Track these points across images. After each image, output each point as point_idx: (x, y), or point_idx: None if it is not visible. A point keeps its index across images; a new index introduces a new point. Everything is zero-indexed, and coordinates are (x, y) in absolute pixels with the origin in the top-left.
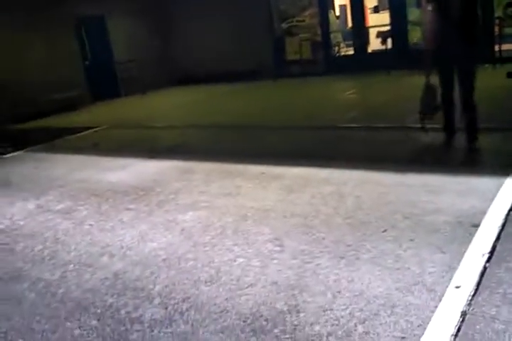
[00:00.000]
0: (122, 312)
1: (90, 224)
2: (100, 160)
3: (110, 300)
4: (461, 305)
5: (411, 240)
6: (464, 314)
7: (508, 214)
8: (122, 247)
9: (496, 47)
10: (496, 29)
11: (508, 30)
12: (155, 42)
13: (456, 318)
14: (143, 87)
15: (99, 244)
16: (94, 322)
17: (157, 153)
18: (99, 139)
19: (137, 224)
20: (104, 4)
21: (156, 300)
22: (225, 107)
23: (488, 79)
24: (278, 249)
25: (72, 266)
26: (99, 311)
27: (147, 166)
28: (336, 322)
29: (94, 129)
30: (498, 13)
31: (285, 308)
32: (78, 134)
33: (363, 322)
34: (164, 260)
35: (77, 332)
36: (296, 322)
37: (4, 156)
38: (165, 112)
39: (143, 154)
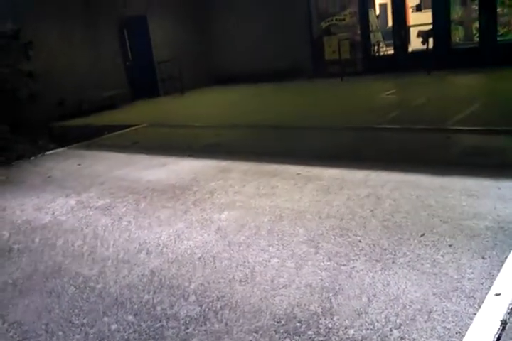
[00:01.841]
0: (158, 308)
1: (128, 221)
2: (139, 158)
3: (147, 297)
4: (501, 313)
5: (450, 245)
6: (504, 323)
7: None
8: (159, 244)
9: None
10: None
11: None
12: (194, 41)
13: (496, 327)
14: (181, 86)
15: (136, 240)
16: (130, 318)
17: (195, 151)
18: (139, 137)
19: (174, 222)
20: (147, 5)
21: (191, 298)
22: (263, 107)
23: None
24: (313, 250)
25: (110, 261)
26: (135, 307)
27: (185, 165)
28: (371, 327)
29: (134, 127)
30: None
31: (319, 310)
32: (119, 132)
33: (399, 327)
34: (200, 258)
35: (114, 326)
36: (330, 325)
37: (48, 153)
38: (203, 111)
39: (181, 153)
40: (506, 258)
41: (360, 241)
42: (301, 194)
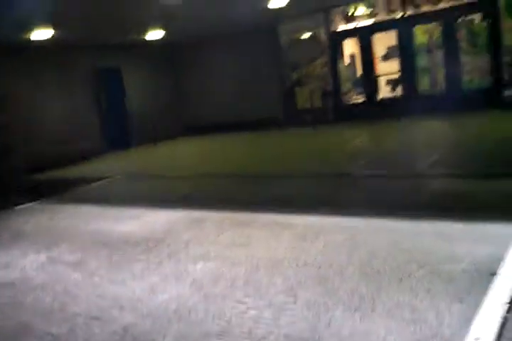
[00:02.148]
0: None
1: (101, 276)
2: (112, 210)
3: None
4: None
5: (427, 290)
6: None
7: None
8: (132, 299)
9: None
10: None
11: None
12: (167, 93)
13: None
14: (154, 138)
15: (109, 296)
16: None
17: (168, 203)
18: (112, 190)
19: (147, 275)
20: (121, 57)
21: None
22: (235, 157)
23: (499, 124)
24: (291, 300)
25: (81, 319)
26: None
27: (158, 216)
28: None
29: (108, 179)
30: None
31: None
32: (92, 184)
33: None
34: (174, 312)
35: None
36: None
37: (19, 207)
38: (176, 162)
39: (154, 204)
40: (484, 301)
41: (338, 289)
42: (278, 242)
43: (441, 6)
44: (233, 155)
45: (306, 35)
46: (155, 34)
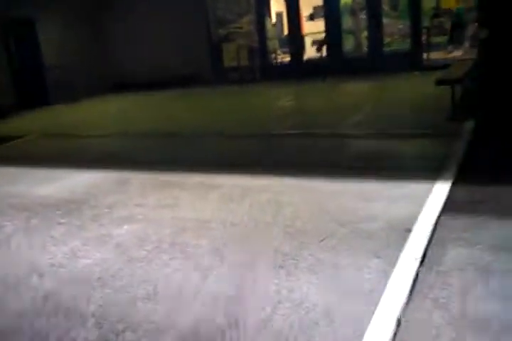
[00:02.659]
0: (53, 335)
1: (18, 241)
2: (29, 172)
3: (39, 324)
4: (396, 311)
5: (348, 248)
6: (398, 321)
7: (437, 219)
8: (53, 265)
9: (424, 56)
10: (424, 38)
11: (434, 40)
12: (89, 47)
13: (392, 325)
14: (76, 94)
15: (27, 262)
16: None
17: (91, 163)
18: (28, 149)
19: (69, 239)
20: (35, 6)
21: (90, 322)
22: (161, 115)
23: (418, 86)
24: (217, 260)
25: None
26: (27, 336)
27: (80, 178)
28: (277, 334)
29: (23, 139)
30: (426, 23)
31: (225, 323)
32: (5, 144)
33: (304, 333)
34: (98, 278)
35: None
36: (235, 338)
37: None
38: (99, 120)
39: (75, 165)
40: (399, 256)
41: (263, 249)
42: (204, 203)
43: None
44: (158, 114)
45: None
46: None
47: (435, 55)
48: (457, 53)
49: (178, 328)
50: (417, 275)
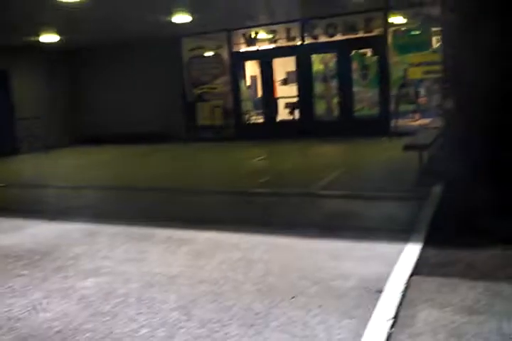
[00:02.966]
0: None
1: None
2: None
3: None
4: None
5: (319, 306)
6: None
7: (408, 280)
8: (10, 319)
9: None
10: (392, 106)
11: (402, 108)
12: (61, 100)
13: None
14: (45, 145)
15: None
16: None
17: (58, 214)
18: None
19: (30, 291)
20: (9, 59)
21: None
22: (132, 169)
23: (386, 151)
24: (185, 317)
25: None
26: None
27: (46, 228)
28: None
29: None
30: (394, 92)
31: None
32: None
33: None
34: (58, 332)
35: None
36: None
37: None
38: (68, 172)
39: (41, 216)
40: (370, 317)
41: (233, 306)
42: (173, 258)
43: (337, 38)
44: (127, 168)
45: (209, 53)
46: (50, 37)
47: (402, 122)
48: (423, 121)
49: None
50: (388, 336)
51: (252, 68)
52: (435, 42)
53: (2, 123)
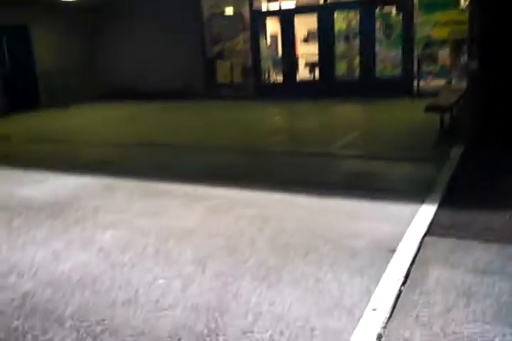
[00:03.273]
0: (29, 336)
1: None
2: (14, 173)
3: (16, 323)
4: (377, 327)
5: (332, 264)
6: (379, 337)
7: (422, 240)
8: (33, 266)
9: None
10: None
11: (425, 68)
12: (83, 54)
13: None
14: (66, 99)
15: (7, 262)
16: None
17: (78, 168)
18: (15, 152)
19: (51, 241)
20: (31, 14)
21: (68, 323)
22: (152, 125)
23: (407, 112)
24: (200, 270)
25: None
26: (2, 335)
27: (66, 182)
28: None
29: (10, 141)
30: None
31: (205, 331)
32: None
33: None
34: (78, 281)
35: None
36: None
37: None
38: (89, 127)
39: (62, 169)
40: (382, 275)
41: (247, 260)
42: (190, 213)
43: None
44: (148, 124)
45: (230, 10)
46: None
47: (425, 83)
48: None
49: (157, 334)
50: (399, 293)
51: (272, 26)
52: (463, 0)
53: (23, 77)
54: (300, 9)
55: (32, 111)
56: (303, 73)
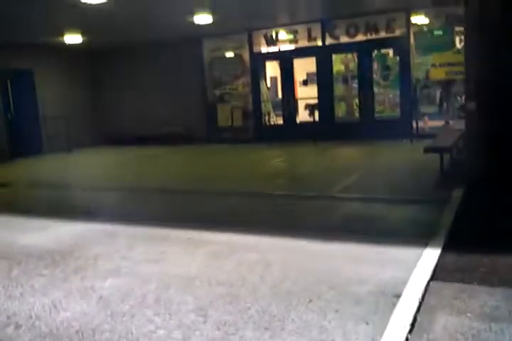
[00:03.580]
0: None
1: None
2: (15, 220)
3: None
4: None
5: (336, 311)
6: None
7: (427, 285)
8: (31, 317)
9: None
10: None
11: (423, 109)
12: (85, 100)
13: None
14: (68, 145)
15: (4, 313)
16: None
17: (78, 215)
18: (16, 198)
19: (50, 291)
20: (34, 59)
21: None
22: (152, 170)
23: (407, 153)
24: (201, 319)
25: None
26: None
27: (67, 229)
28: None
29: (12, 187)
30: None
31: None
32: None
33: None
34: (77, 331)
35: None
36: None
37: None
38: (90, 172)
39: (63, 216)
40: (388, 322)
41: (249, 309)
42: (191, 259)
43: (358, 38)
44: (148, 169)
45: (230, 54)
46: (74, 38)
47: (423, 124)
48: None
49: None
50: None
51: (272, 69)
52: (458, 42)
53: (28, 123)
54: (299, 52)
55: (36, 157)
56: (303, 115)
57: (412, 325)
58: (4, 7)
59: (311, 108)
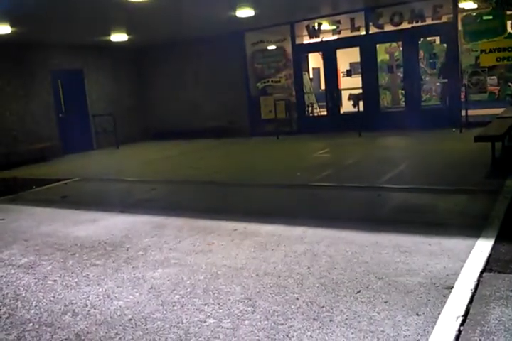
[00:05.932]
0: None
1: (54, 280)
2: (68, 213)
3: None
4: None
5: (385, 302)
6: None
7: (480, 276)
8: (86, 305)
9: (463, 113)
10: (462, 96)
11: (472, 97)
12: (130, 97)
13: None
14: (116, 140)
15: (62, 301)
16: None
17: (128, 207)
18: (69, 192)
19: (103, 280)
20: (82, 59)
21: None
22: (199, 163)
23: (456, 142)
24: (250, 309)
25: (31, 325)
26: None
27: (117, 221)
28: None
29: (65, 181)
30: (464, 80)
31: None
32: (47, 186)
33: None
34: (130, 320)
35: None
36: None
37: None
38: (137, 166)
39: (113, 208)
40: (439, 314)
41: (297, 299)
42: (238, 250)
43: (403, 26)
44: (195, 162)
45: (272, 46)
46: (120, 36)
47: (473, 112)
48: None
49: None
50: (458, 333)
51: (315, 60)
52: (510, 26)
53: (78, 120)
54: (342, 42)
55: (86, 152)
56: (346, 105)
57: (465, 316)
58: (53, 9)
59: (355, 98)
